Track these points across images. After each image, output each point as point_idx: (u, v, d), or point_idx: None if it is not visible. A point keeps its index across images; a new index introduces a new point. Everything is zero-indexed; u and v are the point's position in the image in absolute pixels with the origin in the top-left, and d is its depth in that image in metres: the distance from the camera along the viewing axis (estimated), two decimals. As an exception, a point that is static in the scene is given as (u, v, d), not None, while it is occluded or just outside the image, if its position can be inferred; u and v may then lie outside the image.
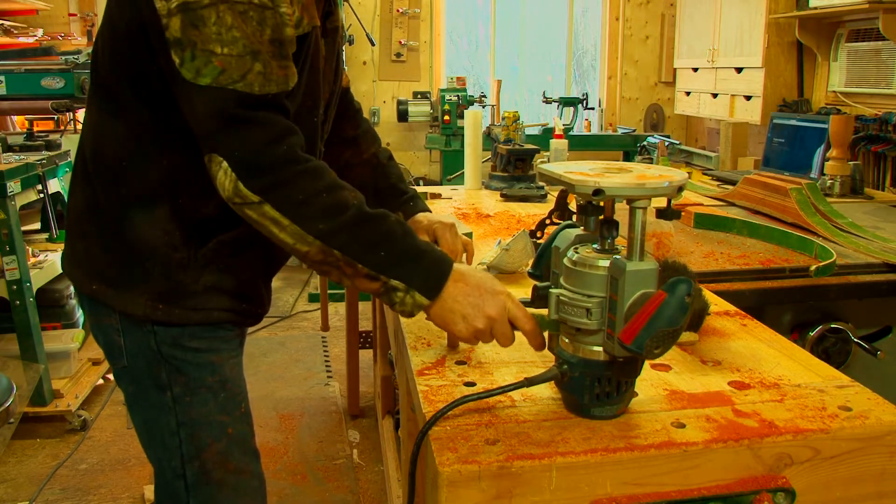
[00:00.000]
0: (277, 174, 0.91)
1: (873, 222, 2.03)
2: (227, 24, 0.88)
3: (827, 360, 1.22)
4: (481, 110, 2.78)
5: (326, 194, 0.93)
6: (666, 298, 0.76)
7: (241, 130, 0.91)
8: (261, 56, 0.91)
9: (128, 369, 1.11)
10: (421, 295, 0.92)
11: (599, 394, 0.83)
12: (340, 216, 0.92)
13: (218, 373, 1.11)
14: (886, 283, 1.55)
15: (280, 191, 0.91)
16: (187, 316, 1.07)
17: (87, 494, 2.31)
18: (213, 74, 0.89)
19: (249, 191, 0.91)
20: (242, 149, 0.91)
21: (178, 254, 1.04)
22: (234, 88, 0.90)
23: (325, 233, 0.91)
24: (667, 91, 4.84)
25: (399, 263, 0.92)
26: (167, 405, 1.09)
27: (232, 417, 1.12)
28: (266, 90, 0.92)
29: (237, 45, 0.89)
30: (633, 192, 0.77)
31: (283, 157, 0.92)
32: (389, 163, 1.39)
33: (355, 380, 2.84)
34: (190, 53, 0.89)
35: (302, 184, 0.92)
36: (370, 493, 2.33)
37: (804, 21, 3.27)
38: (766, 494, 0.78)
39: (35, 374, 2.63)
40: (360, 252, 0.92)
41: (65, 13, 4.10)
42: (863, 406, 0.86)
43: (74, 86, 3.28)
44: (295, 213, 0.91)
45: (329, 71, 1.14)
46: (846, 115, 2.62)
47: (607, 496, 0.76)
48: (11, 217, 2.57)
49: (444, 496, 0.73)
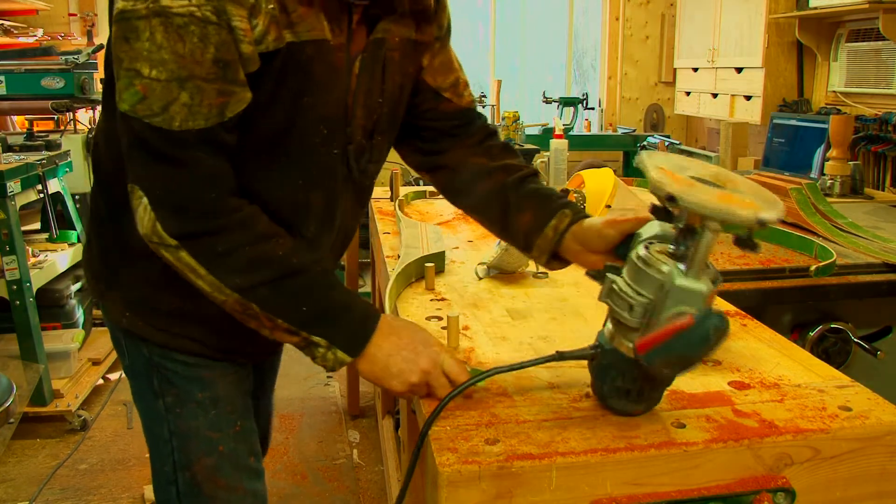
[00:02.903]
0: (201, 223, 0.85)
1: (873, 222, 2.03)
2: (157, 43, 0.79)
3: (827, 360, 1.22)
4: (482, 110, 2.78)
5: (250, 247, 0.87)
6: (692, 326, 0.73)
7: (165, 169, 0.84)
8: (190, 83, 0.81)
9: (130, 369, 1.10)
10: (343, 352, 0.88)
11: (620, 388, 0.82)
12: (261, 270, 0.87)
13: (209, 389, 1.06)
14: (886, 283, 1.55)
15: (201, 240, 0.86)
16: (150, 333, 1.04)
17: (87, 494, 2.31)
18: (132, 101, 0.81)
19: (167, 234, 0.85)
20: (164, 189, 0.85)
21: (154, 266, 0.95)
22: (149, 122, 0.81)
23: (244, 287, 0.86)
24: (667, 91, 4.84)
25: (321, 319, 0.88)
26: (161, 413, 1.07)
27: (223, 434, 1.07)
28: (188, 125, 0.82)
29: (165, 68, 0.79)
30: (704, 212, 0.73)
31: (209, 204, 0.85)
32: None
33: (355, 380, 2.84)
34: (117, 70, 0.82)
35: (226, 236, 0.86)
36: (370, 493, 2.33)
37: (804, 21, 3.27)
38: (766, 494, 0.78)
39: (35, 374, 2.63)
40: (280, 307, 0.87)
41: (65, 13, 4.10)
42: (863, 406, 0.86)
43: (74, 86, 3.28)
44: (213, 264, 0.86)
45: (367, 92, 0.99)
46: (846, 115, 2.62)
47: (607, 496, 0.76)
48: (11, 217, 2.57)
49: (444, 496, 0.73)
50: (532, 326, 1.15)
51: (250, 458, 1.12)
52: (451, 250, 1.62)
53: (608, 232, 0.93)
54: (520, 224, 1.03)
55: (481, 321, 1.17)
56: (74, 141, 3.51)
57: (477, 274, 1.43)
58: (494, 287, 1.36)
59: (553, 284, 1.37)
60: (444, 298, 1.29)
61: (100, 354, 3.07)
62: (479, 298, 1.29)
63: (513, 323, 1.17)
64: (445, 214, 2.01)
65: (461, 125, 1.14)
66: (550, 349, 1.04)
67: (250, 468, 1.12)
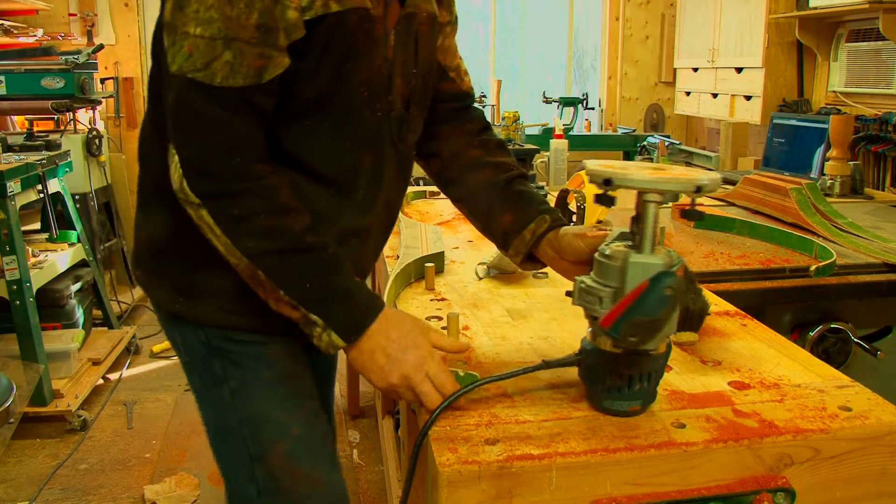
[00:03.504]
0: (222, 184, 0.88)
1: (873, 222, 2.03)
2: (207, 4, 0.83)
3: (827, 360, 1.22)
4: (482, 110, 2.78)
5: (266, 215, 0.89)
6: (647, 288, 0.77)
7: (196, 127, 0.87)
8: (235, 43, 0.84)
9: (189, 364, 1.08)
10: (337, 336, 0.89)
11: (611, 386, 0.83)
12: (273, 240, 0.89)
13: (274, 366, 1.04)
14: (886, 283, 1.55)
15: (221, 201, 0.88)
16: (206, 315, 1.03)
17: (87, 494, 2.31)
18: (180, 60, 0.85)
19: (191, 191, 0.88)
20: (193, 148, 0.88)
21: (204, 245, 0.95)
22: (193, 77, 0.85)
23: (254, 253, 0.89)
24: (667, 91, 4.83)
25: (322, 300, 0.90)
26: (226, 401, 1.04)
27: (294, 416, 1.05)
28: (229, 83, 0.85)
29: (212, 26, 0.84)
30: (643, 185, 0.79)
31: (233, 168, 0.88)
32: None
33: (355, 380, 2.84)
34: (171, 39, 0.86)
35: (245, 200, 0.88)
36: (370, 493, 2.33)
37: (804, 21, 3.26)
38: (766, 494, 0.78)
39: (35, 374, 2.63)
40: (285, 280, 0.89)
41: (65, 13, 4.10)
42: (863, 406, 0.86)
43: (74, 86, 3.28)
44: (229, 226, 0.88)
45: (403, 62, 1.02)
46: (846, 115, 2.62)
47: (607, 496, 0.76)
48: (11, 217, 2.57)
49: (444, 496, 0.73)
50: (532, 326, 1.15)
51: (327, 444, 1.10)
52: (451, 250, 1.62)
53: (577, 243, 0.97)
54: (501, 223, 1.08)
55: (481, 321, 1.17)
56: (74, 141, 3.52)
57: (477, 274, 1.43)
58: (494, 287, 1.36)
59: (553, 284, 1.37)
60: (444, 298, 1.29)
61: (100, 354, 3.07)
62: (479, 298, 1.29)
63: (513, 323, 1.17)
64: (445, 214, 2.01)
65: (460, 109, 1.18)
66: (551, 349, 1.05)
67: (327, 455, 1.09)
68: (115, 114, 4.24)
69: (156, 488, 2.32)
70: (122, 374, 3.22)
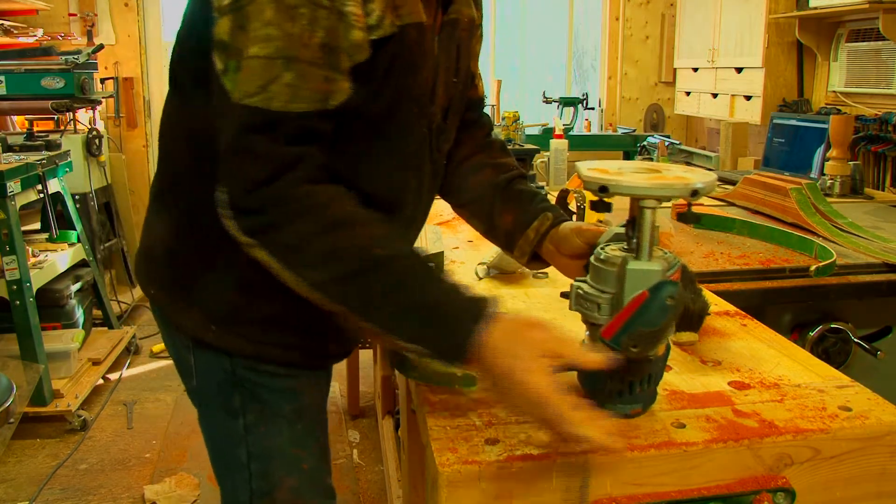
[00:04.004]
0: (265, 215, 0.78)
1: (873, 222, 2.03)
2: (266, 20, 0.75)
3: (827, 360, 1.22)
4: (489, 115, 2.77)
5: (320, 237, 0.78)
6: (647, 298, 0.76)
7: (239, 161, 0.78)
8: (296, 64, 0.76)
9: (198, 390, 1.00)
10: (442, 361, 0.78)
11: (611, 391, 0.82)
12: (336, 264, 0.78)
13: (297, 400, 0.98)
14: (886, 283, 1.55)
15: (269, 234, 0.78)
16: (240, 345, 0.94)
17: (87, 494, 2.31)
18: (236, 87, 0.77)
19: (240, 232, 0.79)
20: (234, 184, 0.78)
21: (241, 272, 0.89)
22: (247, 104, 0.76)
23: (319, 282, 0.78)
24: (667, 91, 4.83)
25: (411, 322, 0.77)
26: (238, 434, 0.97)
27: (307, 451, 1.00)
28: (290, 108, 0.77)
29: (270, 44, 0.75)
30: (639, 192, 0.77)
31: (272, 196, 0.78)
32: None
33: (355, 380, 2.84)
34: (235, 63, 0.77)
35: (294, 225, 0.78)
36: (370, 493, 2.33)
37: (804, 21, 3.26)
38: (766, 494, 0.78)
39: (35, 374, 2.63)
40: (362, 307, 0.78)
41: (65, 13, 4.10)
42: (863, 406, 0.86)
43: (74, 86, 3.28)
44: (285, 259, 0.79)
45: (445, 71, 0.97)
46: (846, 115, 2.62)
47: (607, 496, 0.76)
48: (11, 217, 2.57)
49: (444, 496, 0.73)
50: (532, 326, 1.15)
51: (328, 476, 1.05)
52: (451, 250, 1.62)
53: (574, 239, 0.97)
54: (503, 224, 1.06)
55: (481, 321, 1.17)
56: (74, 141, 3.52)
57: (477, 274, 1.43)
58: (494, 287, 1.36)
59: (553, 284, 1.37)
60: (444, 298, 1.29)
61: (100, 354, 3.07)
62: (479, 298, 1.29)
63: (513, 323, 1.17)
64: (445, 214, 2.01)
65: (476, 115, 1.15)
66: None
67: (327, 488, 1.05)
68: (115, 114, 4.24)
69: (156, 488, 2.32)
70: (122, 374, 3.23)
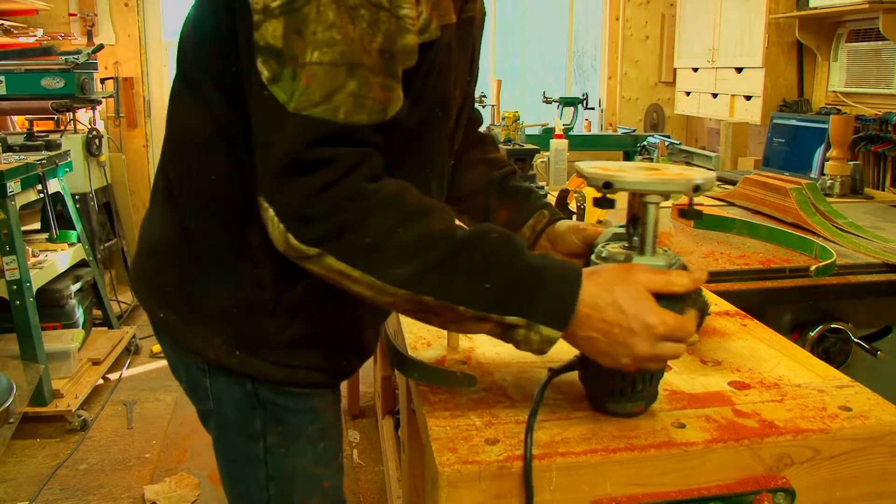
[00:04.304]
0: (336, 217, 0.72)
1: (873, 222, 2.03)
2: (328, 22, 0.69)
3: (827, 360, 1.22)
4: (482, 110, 2.78)
5: (403, 229, 0.73)
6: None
7: (296, 176, 0.72)
8: (359, 71, 0.71)
9: (213, 413, 0.95)
10: (549, 328, 0.75)
11: (614, 389, 0.83)
12: (423, 253, 0.73)
13: (319, 419, 0.95)
14: (886, 283, 1.56)
15: (342, 237, 0.72)
16: (265, 370, 0.89)
17: (87, 494, 2.31)
18: (298, 97, 0.70)
19: (304, 244, 0.72)
20: (293, 194, 0.72)
21: (266, 293, 0.85)
22: (309, 115, 0.70)
23: (409, 279, 0.73)
24: (667, 91, 4.83)
25: (512, 294, 0.74)
26: (257, 457, 0.93)
27: (329, 469, 0.97)
28: (353, 119, 0.71)
29: (333, 50, 0.69)
30: (643, 187, 0.78)
31: (340, 197, 0.72)
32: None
33: (355, 380, 2.84)
34: (291, 70, 0.70)
35: (370, 223, 0.72)
36: (370, 493, 2.33)
37: (804, 21, 3.26)
38: (766, 494, 0.78)
39: (35, 374, 2.63)
40: (459, 292, 0.73)
41: (65, 13, 4.10)
42: (863, 406, 0.86)
43: (74, 86, 3.29)
44: (365, 261, 0.73)
45: (462, 71, 0.93)
46: (846, 115, 2.62)
47: (607, 496, 0.76)
48: (11, 217, 2.57)
49: (444, 496, 0.73)
50: (532, 326, 1.15)
51: (343, 492, 1.03)
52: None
53: (571, 237, 0.97)
54: (498, 220, 1.06)
55: (481, 321, 1.17)
56: (74, 141, 3.52)
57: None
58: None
59: (553, 284, 1.37)
60: (444, 298, 1.29)
61: (100, 354, 3.07)
62: (479, 298, 1.29)
63: (513, 323, 1.17)
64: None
65: (471, 113, 1.13)
66: (550, 349, 1.04)
67: (343, 501, 1.03)
68: (115, 114, 4.24)
69: (156, 488, 2.32)
70: (122, 374, 3.23)
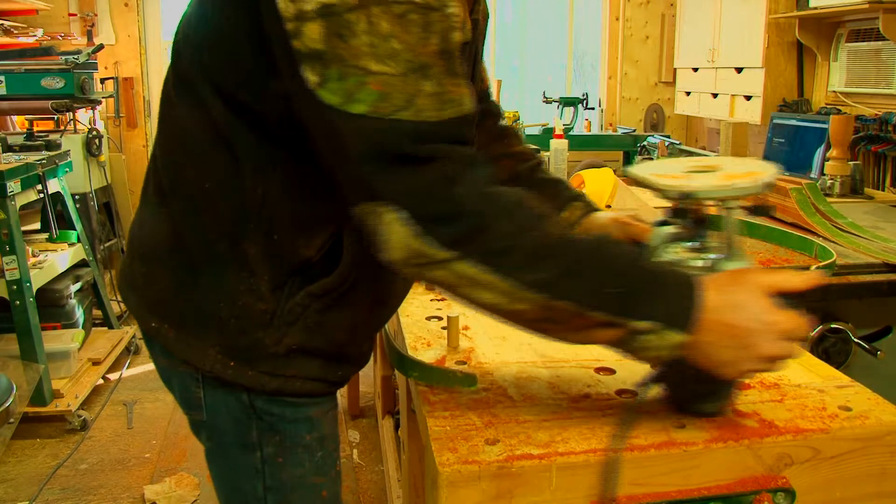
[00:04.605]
0: (470, 219, 0.70)
1: (873, 222, 2.03)
2: (384, 33, 0.68)
3: (827, 360, 1.22)
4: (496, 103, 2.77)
5: (532, 232, 0.72)
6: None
7: (416, 171, 0.70)
8: (431, 71, 0.70)
9: (207, 424, 0.93)
10: (677, 332, 0.72)
11: (699, 392, 0.83)
12: (556, 258, 0.72)
13: (317, 428, 0.94)
14: (886, 283, 1.55)
15: (477, 240, 0.71)
16: (261, 381, 0.87)
17: (87, 494, 2.31)
18: (370, 100, 0.69)
19: (438, 246, 0.70)
20: (422, 193, 0.70)
21: (262, 304, 0.84)
22: (397, 118, 0.69)
23: (546, 282, 0.71)
24: (667, 91, 4.83)
25: (641, 298, 0.72)
26: (254, 468, 0.92)
27: (327, 478, 0.96)
28: (443, 116, 0.71)
29: (398, 60, 0.69)
30: (723, 194, 0.79)
31: (473, 196, 0.71)
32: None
33: (355, 380, 2.84)
34: (337, 71, 0.69)
35: (502, 224, 0.71)
36: (370, 493, 2.33)
37: (804, 21, 3.26)
38: (766, 494, 0.78)
39: (35, 374, 2.63)
40: (591, 296, 0.72)
41: (65, 13, 4.10)
42: (863, 406, 0.86)
43: (74, 86, 3.28)
44: (500, 265, 0.71)
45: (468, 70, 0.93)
46: (846, 115, 2.62)
47: (607, 496, 0.76)
48: (11, 217, 2.57)
49: (444, 496, 0.73)
50: (532, 326, 1.15)
51: (340, 496, 1.01)
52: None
53: (613, 230, 0.95)
54: None
55: (481, 321, 1.17)
56: (74, 141, 3.52)
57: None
58: (494, 287, 1.36)
59: (553, 284, 1.37)
60: (444, 298, 1.29)
61: (100, 354, 3.07)
62: (479, 298, 1.29)
63: (513, 323, 1.17)
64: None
65: (485, 105, 1.12)
66: (551, 349, 1.04)
67: None
68: (115, 114, 4.24)
69: (156, 488, 2.32)
70: (122, 374, 3.23)
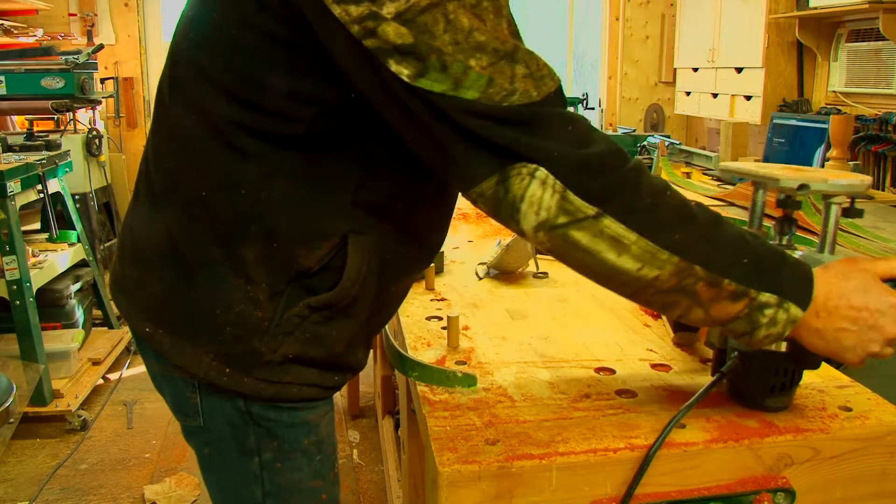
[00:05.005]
0: (613, 174, 0.70)
1: (873, 222, 2.03)
2: (465, 29, 0.68)
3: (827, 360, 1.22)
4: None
5: (666, 194, 0.71)
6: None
7: (554, 126, 0.70)
8: (517, 55, 0.70)
9: (203, 430, 0.92)
10: (797, 306, 0.73)
11: (776, 385, 0.83)
12: (695, 219, 0.71)
13: (314, 432, 0.93)
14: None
15: (622, 195, 0.70)
16: (257, 388, 0.86)
17: (87, 494, 2.31)
18: (480, 85, 0.68)
19: (586, 200, 0.69)
20: (567, 145, 0.69)
21: (260, 311, 0.83)
22: (509, 105, 0.68)
23: (683, 244, 0.70)
24: (667, 91, 4.83)
25: (765, 270, 0.73)
26: (253, 473, 0.91)
27: (326, 481, 0.95)
28: (546, 90, 0.70)
29: (485, 51, 0.68)
30: (833, 189, 0.84)
31: (614, 152, 0.70)
32: None
33: (355, 380, 2.84)
34: (437, 61, 0.68)
35: (642, 183, 0.70)
36: (370, 493, 2.33)
37: (804, 21, 3.26)
38: (766, 494, 0.78)
39: (35, 374, 2.63)
40: (725, 263, 0.71)
41: (65, 13, 4.10)
42: (863, 406, 0.86)
43: (74, 86, 3.29)
44: (643, 222, 0.70)
45: None
46: (846, 115, 2.62)
47: (607, 496, 0.76)
48: (11, 217, 2.57)
49: (444, 496, 0.73)
50: (532, 326, 1.15)
51: (339, 498, 1.01)
52: (451, 250, 1.62)
53: None
54: None
55: (481, 321, 1.17)
56: (74, 141, 3.52)
57: (477, 274, 1.43)
58: (494, 287, 1.36)
59: (553, 284, 1.37)
60: (444, 298, 1.29)
61: (100, 354, 3.07)
62: (479, 298, 1.29)
63: (513, 323, 1.17)
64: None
65: None
66: (551, 349, 1.04)
67: None
68: (115, 114, 4.24)
69: (156, 488, 2.32)
70: (122, 374, 3.23)
